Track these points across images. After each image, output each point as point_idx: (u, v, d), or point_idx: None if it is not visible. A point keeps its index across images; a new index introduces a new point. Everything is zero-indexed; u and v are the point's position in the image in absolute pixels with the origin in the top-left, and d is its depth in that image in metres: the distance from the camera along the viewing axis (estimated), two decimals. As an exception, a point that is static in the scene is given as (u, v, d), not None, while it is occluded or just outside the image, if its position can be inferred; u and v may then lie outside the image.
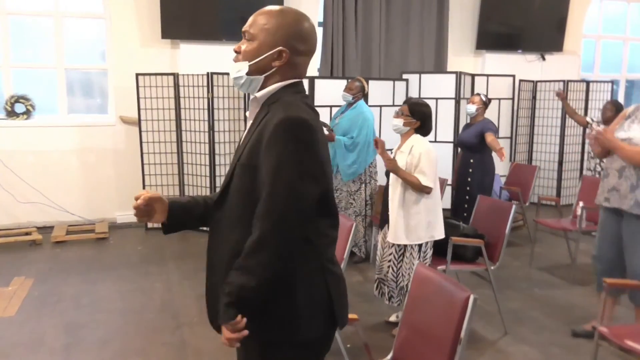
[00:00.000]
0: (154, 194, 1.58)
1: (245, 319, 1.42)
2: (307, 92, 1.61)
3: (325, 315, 1.53)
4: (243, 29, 1.55)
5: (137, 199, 1.55)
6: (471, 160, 4.94)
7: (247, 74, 1.53)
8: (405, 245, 3.28)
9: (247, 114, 1.62)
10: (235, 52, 1.57)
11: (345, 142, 4.60)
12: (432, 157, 3.23)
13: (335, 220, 1.56)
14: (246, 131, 1.58)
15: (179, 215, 1.64)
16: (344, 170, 4.64)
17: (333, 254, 1.58)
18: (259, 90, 1.55)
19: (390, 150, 3.57)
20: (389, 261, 3.35)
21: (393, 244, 3.31)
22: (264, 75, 1.53)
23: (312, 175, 1.43)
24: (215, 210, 1.58)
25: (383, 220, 3.46)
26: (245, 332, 1.43)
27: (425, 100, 3.48)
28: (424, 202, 3.24)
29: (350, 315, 2.43)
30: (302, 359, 1.55)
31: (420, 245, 3.28)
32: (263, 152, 1.42)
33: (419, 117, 3.30)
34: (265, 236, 1.39)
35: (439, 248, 3.43)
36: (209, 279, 1.60)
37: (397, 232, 3.26)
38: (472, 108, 4.94)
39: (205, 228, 1.61)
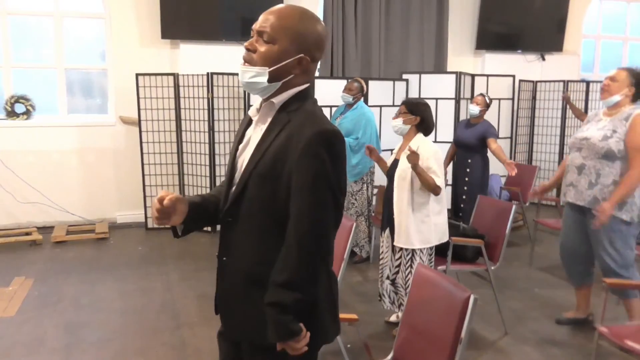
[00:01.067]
0: (178, 195, 1.51)
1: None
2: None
3: (332, 316, 1.56)
4: (259, 28, 1.47)
5: (160, 200, 1.47)
6: (469, 160, 4.95)
7: (267, 80, 1.46)
8: (414, 250, 3.21)
9: (251, 112, 1.57)
10: (248, 49, 1.48)
11: (350, 143, 4.60)
12: (439, 158, 3.20)
13: (339, 225, 1.58)
14: (259, 137, 1.51)
15: (196, 217, 1.59)
16: (350, 171, 4.63)
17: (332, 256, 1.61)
18: (273, 94, 1.51)
19: (391, 150, 3.55)
20: (397, 266, 3.29)
21: (401, 249, 3.24)
22: (282, 81, 1.48)
23: (342, 187, 1.46)
24: (227, 219, 1.54)
25: (385, 223, 3.41)
26: (309, 333, 1.44)
27: (425, 100, 3.46)
28: (432, 204, 3.21)
29: (350, 315, 2.44)
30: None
31: (428, 249, 3.26)
32: (294, 164, 1.40)
33: (417, 113, 3.26)
34: (311, 251, 1.41)
35: (439, 248, 3.42)
36: (223, 289, 1.59)
37: (408, 236, 3.18)
38: (475, 109, 4.94)
39: (206, 228, 1.61)
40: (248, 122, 1.60)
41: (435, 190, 3.15)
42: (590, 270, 3.50)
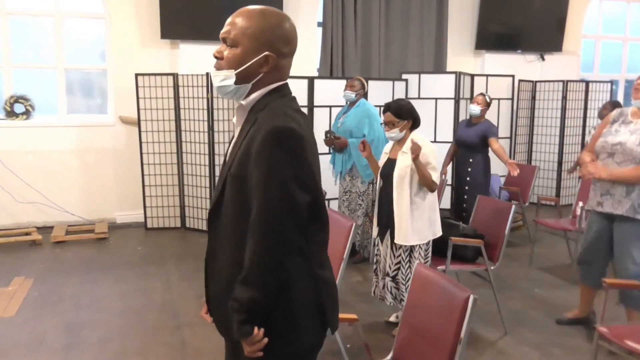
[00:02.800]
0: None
1: (262, 329, 1.44)
2: (293, 94, 1.57)
3: (317, 320, 1.53)
4: (222, 34, 1.49)
5: None
6: (470, 160, 4.95)
7: (235, 82, 1.49)
8: (413, 246, 3.28)
9: (234, 120, 1.60)
10: (216, 57, 1.51)
11: (356, 144, 4.57)
12: (437, 155, 3.27)
13: (324, 224, 1.55)
14: (234, 139, 1.55)
15: None
16: (363, 171, 4.59)
17: (323, 258, 1.57)
18: (245, 96, 1.52)
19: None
20: (398, 263, 3.32)
21: (401, 246, 3.29)
22: (252, 82, 1.50)
23: (302, 184, 1.42)
24: (211, 221, 1.57)
25: (384, 222, 3.40)
26: (266, 340, 1.44)
27: (404, 99, 3.50)
28: (428, 201, 3.27)
29: (350, 315, 2.44)
30: None
31: (425, 244, 3.31)
32: (252, 163, 1.41)
33: (407, 115, 3.30)
34: (259, 248, 1.40)
35: (439, 248, 3.43)
36: (211, 290, 1.61)
37: (407, 234, 3.23)
38: (476, 109, 4.95)
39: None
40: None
41: (431, 186, 3.23)
42: (606, 273, 3.47)
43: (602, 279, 2.94)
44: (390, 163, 3.33)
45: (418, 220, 3.25)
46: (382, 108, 3.51)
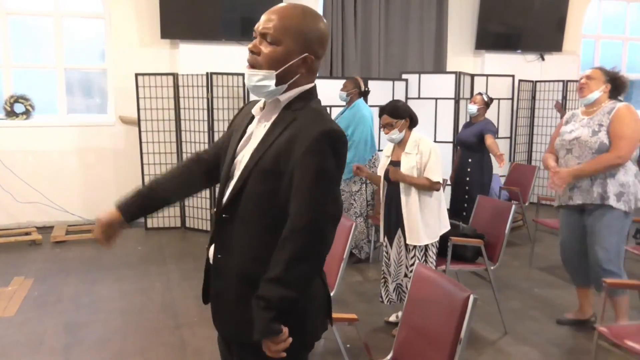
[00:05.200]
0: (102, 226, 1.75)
1: (287, 328, 1.41)
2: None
3: (323, 315, 1.56)
4: (261, 30, 1.45)
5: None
6: (469, 160, 4.95)
7: (275, 84, 1.45)
8: (427, 245, 3.30)
9: (254, 110, 1.56)
10: (252, 51, 1.47)
11: None
12: (439, 153, 3.29)
13: (338, 224, 1.59)
14: (262, 134, 1.49)
15: (143, 209, 1.81)
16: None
17: None
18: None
19: (381, 150, 3.57)
20: (413, 265, 3.29)
21: (414, 247, 3.29)
22: (288, 83, 1.48)
23: (339, 187, 1.47)
24: (224, 214, 1.51)
25: (394, 225, 3.38)
26: (290, 339, 1.41)
27: (398, 99, 3.58)
28: (435, 199, 3.29)
29: (350, 315, 2.44)
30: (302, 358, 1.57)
31: (437, 241, 3.34)
32: (297, 160, 1.39)
33: (403, 114, 3.32)
34: (303, 249, 1.38)
35: (439, 248, 3.43)
36: (215, 287, 1.57)
37: (419, 234, 3.26)
38: (473, 108, 4.96)
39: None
40: (250, 119, 1.58)
41: (433, 187, 3.24)
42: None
43: (602, 279, 2.93)
44: (394, 165, 3.33)
45: (430, 219, 3.27)
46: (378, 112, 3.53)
